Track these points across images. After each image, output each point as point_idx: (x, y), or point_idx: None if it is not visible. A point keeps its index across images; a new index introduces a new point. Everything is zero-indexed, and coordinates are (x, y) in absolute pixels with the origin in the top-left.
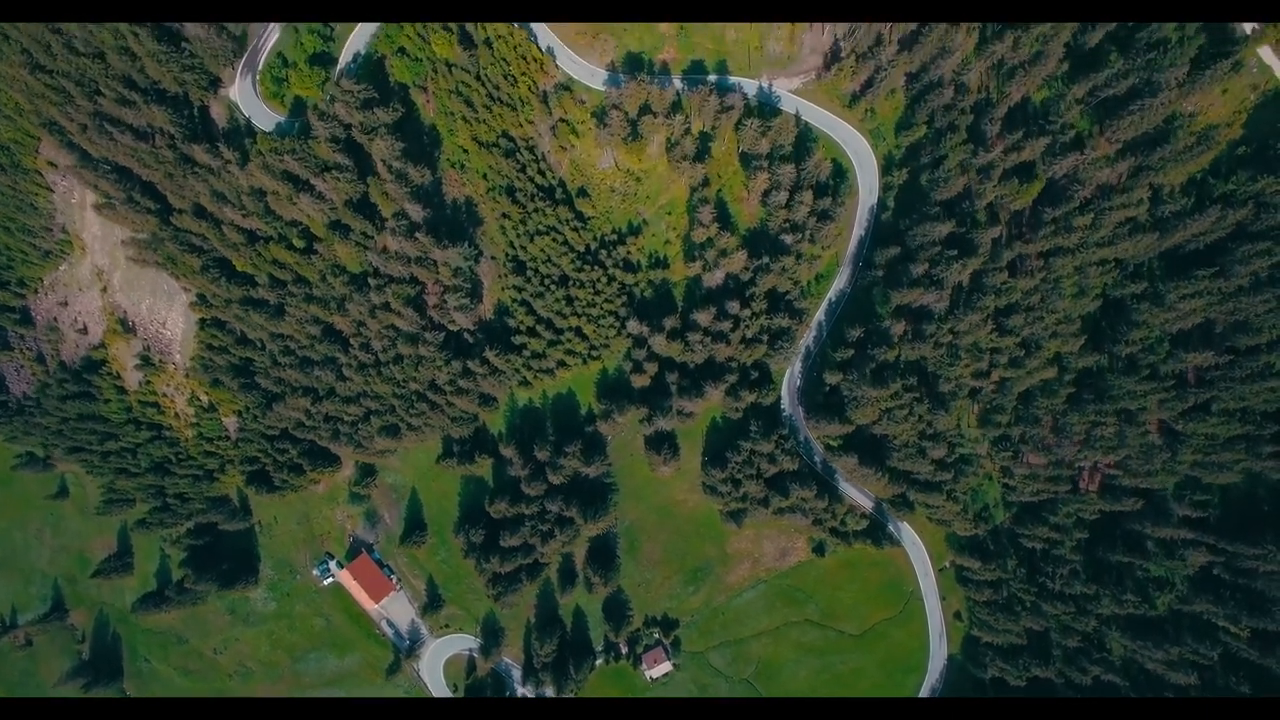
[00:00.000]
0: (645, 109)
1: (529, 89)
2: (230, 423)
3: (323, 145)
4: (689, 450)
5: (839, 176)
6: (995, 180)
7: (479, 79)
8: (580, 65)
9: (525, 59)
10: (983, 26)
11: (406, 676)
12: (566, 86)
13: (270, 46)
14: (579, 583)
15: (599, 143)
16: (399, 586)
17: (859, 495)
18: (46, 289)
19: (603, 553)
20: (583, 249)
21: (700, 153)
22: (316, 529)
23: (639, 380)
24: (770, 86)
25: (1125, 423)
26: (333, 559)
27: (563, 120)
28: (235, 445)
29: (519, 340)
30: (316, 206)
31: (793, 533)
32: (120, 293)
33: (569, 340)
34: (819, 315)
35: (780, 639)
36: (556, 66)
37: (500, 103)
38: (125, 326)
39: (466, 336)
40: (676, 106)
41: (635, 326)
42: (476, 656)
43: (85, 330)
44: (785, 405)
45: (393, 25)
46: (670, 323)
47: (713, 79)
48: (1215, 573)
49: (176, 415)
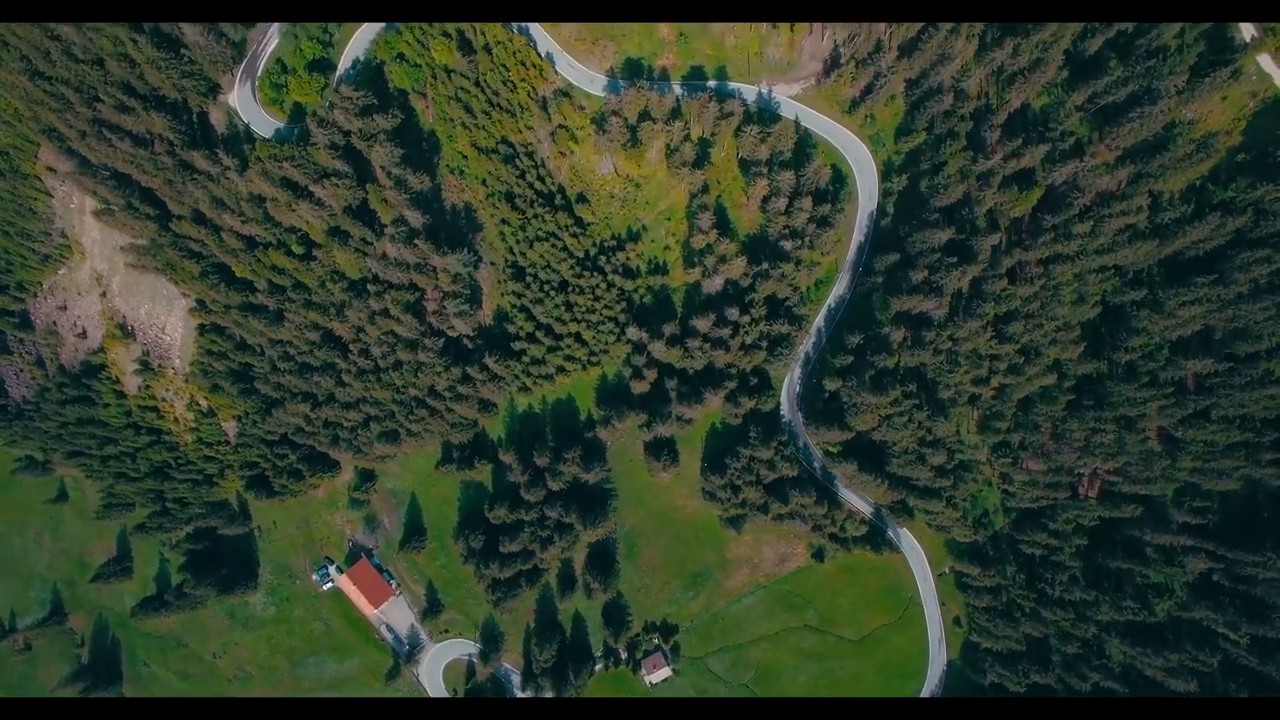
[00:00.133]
0: (645, 115)
1: (528, 95)
2: (230, 428)
3: (322, 151)
4: (688, 456)
5: (838, 182)
6: (995, 187)
7: (478, 85)
8: (580, 71)
9: (524, 65)
10: (983, 33)
11: (406, 681)
12: (566, 92)
13: (269, 53)
14: (578, 588)
15: (598, 149)
16: (398, 591)
17: (858, 501)
18: (45, 293)
19: (602, 558)
20: (582, 255)
21: (700, 159)
22: (316, 534)
23: (638, 386)
24: (770, 92)
25: (1125, 429)
26: (332, 564)
27: (562, 126)
28: (235, 450)
29: (518, 346)
30: (316, 213)
31: (792, 538)
32: (119, 297)
33: (568, 346)
34: (818, 321)
35: (779, 644)
36: (556, 72)
37: (499, 108)
38: (124, 331)
39: (466, 342)
40: (676, 112)
41: (635, 332)
42: (476, 661)
43: (84, 334)
44: (785, 411)
45: (392, 31)
46: (670, 329)
47: (712, 85)
48: (1215, 579)
49: (176, 420)
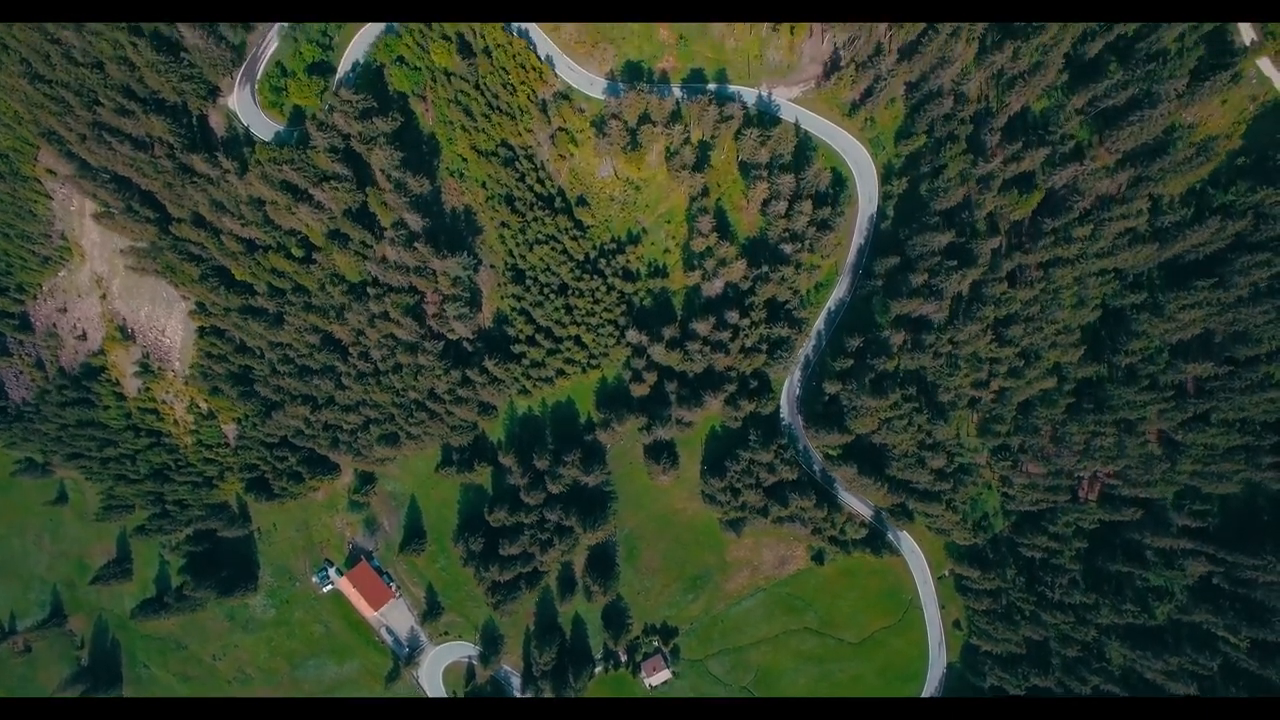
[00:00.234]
0: (644, 118)
1: (528, 98)
2: (229, 430)
3: (321, 155)
4: (688, 459)
5: (838, 186)
6: (995, 190)
7: (478, 88)
8: (579, 74)
9: (524, 67)
10: (983, 36)
11: (406, 683)
12: (565, 95)
13: (269, 56)
14: (578, 591)
15: (598, 151)
16: (398, 594)
17: (858, 504)
18: (45, 295)
19: (602, 561)
20: (582, 258)
21: (699, 162)
22: (316, 536)
23: (638, 389)
24: (770, 95)
25: (1124, 433)
26: (332, 566)
27: (562, 129)
28: (234, 452)
29: (518, 349)
30: (315, 216)
31: (792, 541)
32: (119, 300)
33: (568, 349)
34: (818, 324)
35: (779, 647)
36: (555, 75)
37: (499, 111)
38: (124, 333)
39: (465, 345)
40: (676, 115)
41: (634, 335)
42: (476, 664)
43: (84, 336)
44: (784, 414)
45: (391, 34)
46: (669, 332)
47: (712, 88)
48: (1215, 583)
49: (176, 422)
